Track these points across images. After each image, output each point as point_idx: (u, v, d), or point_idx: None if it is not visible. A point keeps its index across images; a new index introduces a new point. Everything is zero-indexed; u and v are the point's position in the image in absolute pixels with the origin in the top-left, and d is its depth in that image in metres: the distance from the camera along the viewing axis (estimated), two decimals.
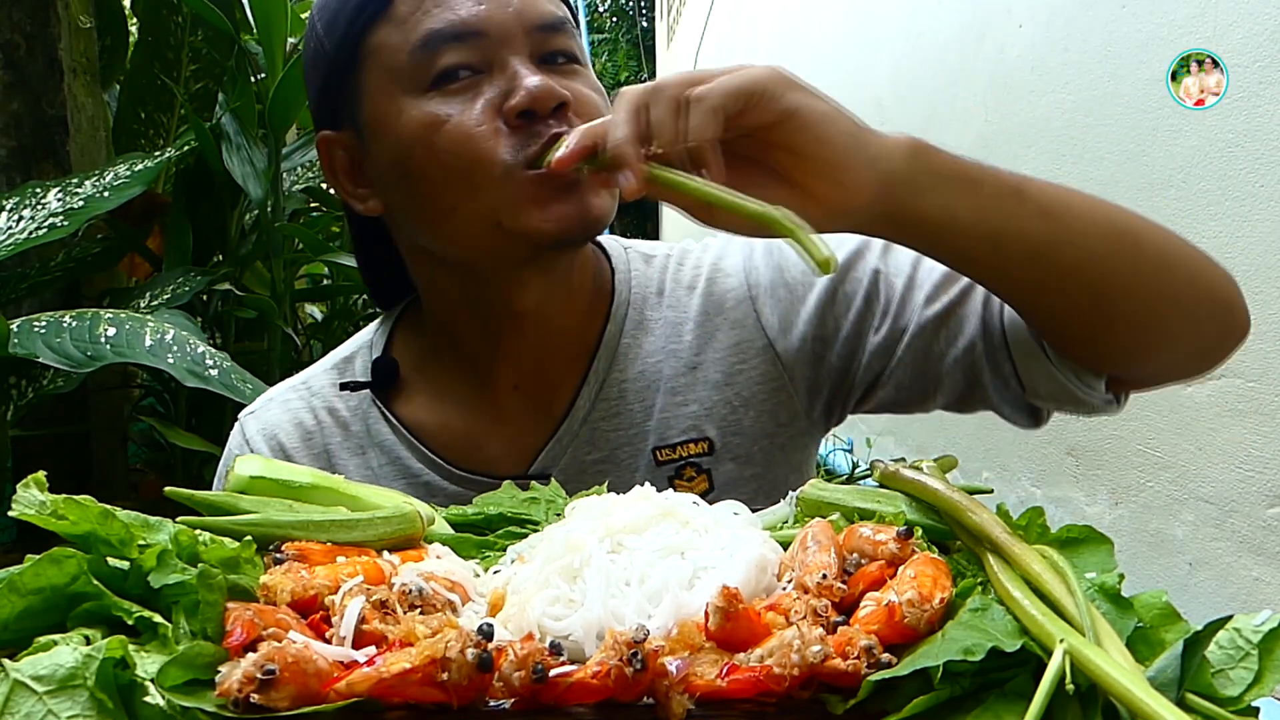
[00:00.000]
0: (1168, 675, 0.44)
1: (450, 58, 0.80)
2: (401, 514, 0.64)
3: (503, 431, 0.92)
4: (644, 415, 0.91)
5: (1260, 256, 1.62)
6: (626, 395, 0.92)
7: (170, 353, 1.84)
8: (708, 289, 0.95)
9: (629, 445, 0.91)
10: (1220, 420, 1.73)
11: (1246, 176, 1.66)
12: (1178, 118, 1.82)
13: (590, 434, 0.91)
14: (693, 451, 0.90)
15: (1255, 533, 1.66)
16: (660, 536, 0.58)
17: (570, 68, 0.85)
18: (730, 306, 0.93)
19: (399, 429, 0.93)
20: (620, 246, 1.00)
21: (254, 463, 0.67)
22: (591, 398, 0.91)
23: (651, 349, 0.93)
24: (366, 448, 0.94)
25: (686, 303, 0.95)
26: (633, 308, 0.95)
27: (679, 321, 0.94)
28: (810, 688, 0.46)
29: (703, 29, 7.06)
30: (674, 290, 0.96)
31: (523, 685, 0.44)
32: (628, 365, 0.93)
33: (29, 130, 2.42)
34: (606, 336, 0.93)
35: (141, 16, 2.69)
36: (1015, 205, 0.72)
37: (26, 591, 0.47)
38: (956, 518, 0.58)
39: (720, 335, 0.93)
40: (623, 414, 0.92)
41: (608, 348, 0.93)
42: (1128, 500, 2.00)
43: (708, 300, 0.94)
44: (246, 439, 0.96)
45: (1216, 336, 0.83)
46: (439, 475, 0.92)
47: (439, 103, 0.81)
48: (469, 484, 0.90)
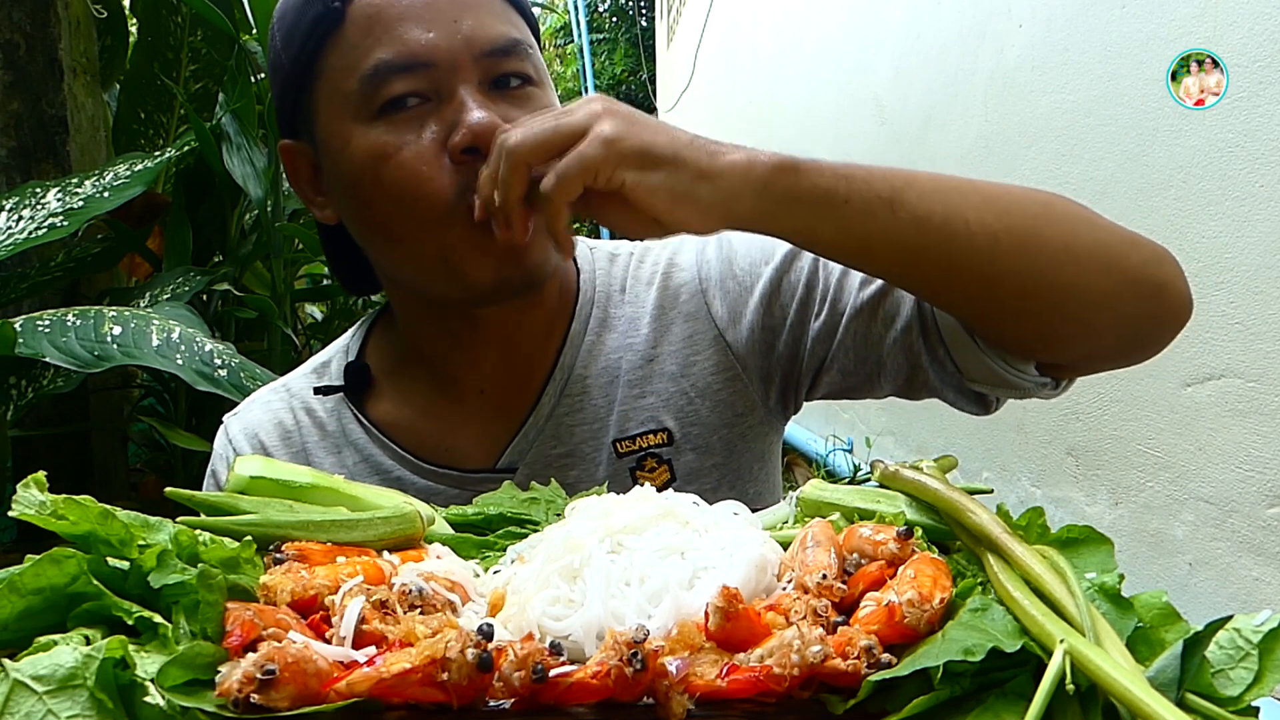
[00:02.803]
0: (1168, 675, 0.44)
1: (398, 87, 0.80)
2: (401, 514, 0.64)
3: (470, 430, 0.95)
4: (606, 409, 0.94)
5: (1260, 256, 1.62)
6: (590, 390, 0.94)
7: (178, 353, 1.83)
8: (663, 283, 0.97)
9: (592, 439, 0.93)
10: (1220, 420, 1.73)
11: (1246, 176, 1.66)
12: (1178, 118, 1.82)
13: (555, 429, 0.93)
14: (652, 442, 0.92)
15: (1255, 533, 1.66)
16: (660, 536, 0.58)
17: (522, 91, 0.84)
18: (684, 300, 0.96)
19: (370, 428, 0.96)
20: (586, 246, 1.02)
21: (254, 463, 0.67)
22: (556, 394, 0.94)
23: (613, 345, 0.96)
24: (341, 447, 0.97)
25: (644, 297, 0.97)
26: (596, 306, 0.97)
27: (637, 316, 0.96)
28: (810, 688, 0.46)
29: (702, 29, 7.06)
30: (634, 286, 0.98)
31: (523, 685, 0.44)
32: (591, 361, 0.95)
33: (29, 130, 2.41)
34: (571, 334, 0.95)
35: (141, 16, 2.69)
36: (886, 217, 0.73)
37: (26, 591, 0.47)
38: (956, 518, 0.58)
39: (675, 328, 0.95)
40: (586, 409, 0.94)
41: (573, 345, 0.95)
42: (1128, 500, 2.00)
43: (663, 294, 0.97)
44: (230, 439, 0.99)
45: (1146, 322, 0.84)
46: (408, 470, 0.94)
47: (386, 131, 0.81)
48: (437, 478, 0.93)
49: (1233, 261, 1.67)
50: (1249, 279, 1.63)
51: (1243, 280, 1.64)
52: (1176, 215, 1.81)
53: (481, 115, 0.79)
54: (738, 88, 5.81)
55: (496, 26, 0.83)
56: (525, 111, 0.82)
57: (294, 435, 0.98)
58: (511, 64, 0.83)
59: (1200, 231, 1.74)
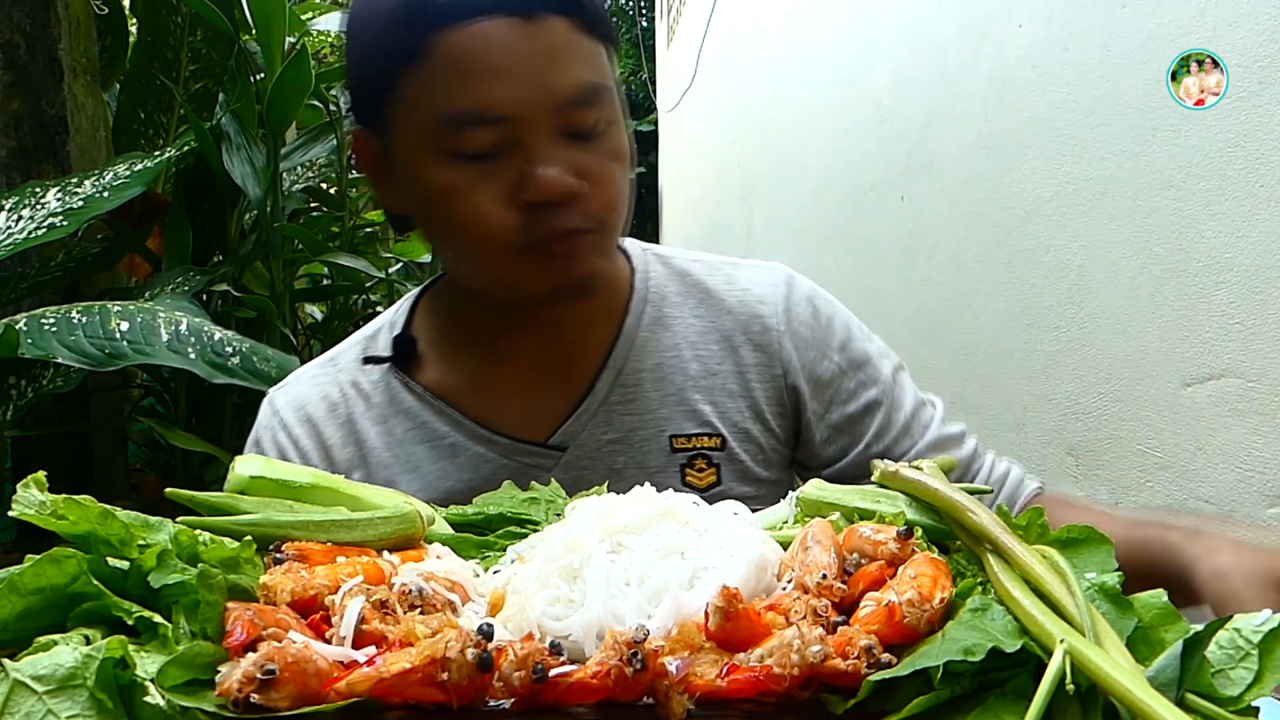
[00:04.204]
0: (1168, 675, 0.44)
1: (473, 139, 0.81)
2: (401, 514, 0.64)
3: (516, 403, 0.97)
4: (659, 404, 0.97)
5: (1260, 256, 1.62)
6: (643, 384, 0.97)
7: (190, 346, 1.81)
8: (740, 308, 1.01)
9: (642, 429, 0.97)
10: (1220, 420, 1.73)
11: (1246, 177, 1.66)
12: (1178, 118, 1.82)
13: (607, 415, 0.96)
14: (706, 444, 0.97)
15: (1255, 533, 1.66)
16: (660, 536, 0.58)
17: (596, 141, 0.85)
18: (757, 331, 1.00)
19: (423, 395, 0.98)
20: (639, 248, 1.06)
21: (254, 463, 0.67)
22: (609, 383, 0.97)
23: (669, 345, 0.99)
24: (389, 416, 0.98)
25: (717, 314, 1.01)
26: (650, 304, 1.01)
27: (704, 329, 1.00)
28: (810, 688, 0.46)
29: (704, 29, 7.06)
30: (703, 297, 1.02)
31: (523, 685, 0.44)
32: (645, 357, 0.98)
33: (29, 130, 2.41)
34: (625, 329, 0.99)
35: (141, 16, 2.69)
36: None
37: (26, 591, 0.47)
38: (956, 518, 0.58)
39: (743, 352, 0.99)
40: (639, 400, 0.97)
41: (626, 339, 0.99)
42: (1128, 500, 2.00)
43: (737, 318, 1.00)
44: (276, 410, 1.01)
45: None
46: (463, 435, 0.96)
47: (458, 174, 0.83)
48: (489, 444, 0.95)
49: (1233, 261, 1.67)
50: (1249, 279, 1.63)
51: (1243, 280, 1.64)
52: (1176, 215, 1.80)
53: (553, 173, 0.81)
54: (738, 88, 5.81)
55: (577, 74, 0.83)
56: (597, 156, 0.84)
57: (340, 407, 0.99)
58: (588, 113, 0.84)
59: (1200, 231, 1.74)
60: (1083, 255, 2.13)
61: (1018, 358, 2.39)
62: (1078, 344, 2.15)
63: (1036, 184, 2.32)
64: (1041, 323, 2.29)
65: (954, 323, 2.68)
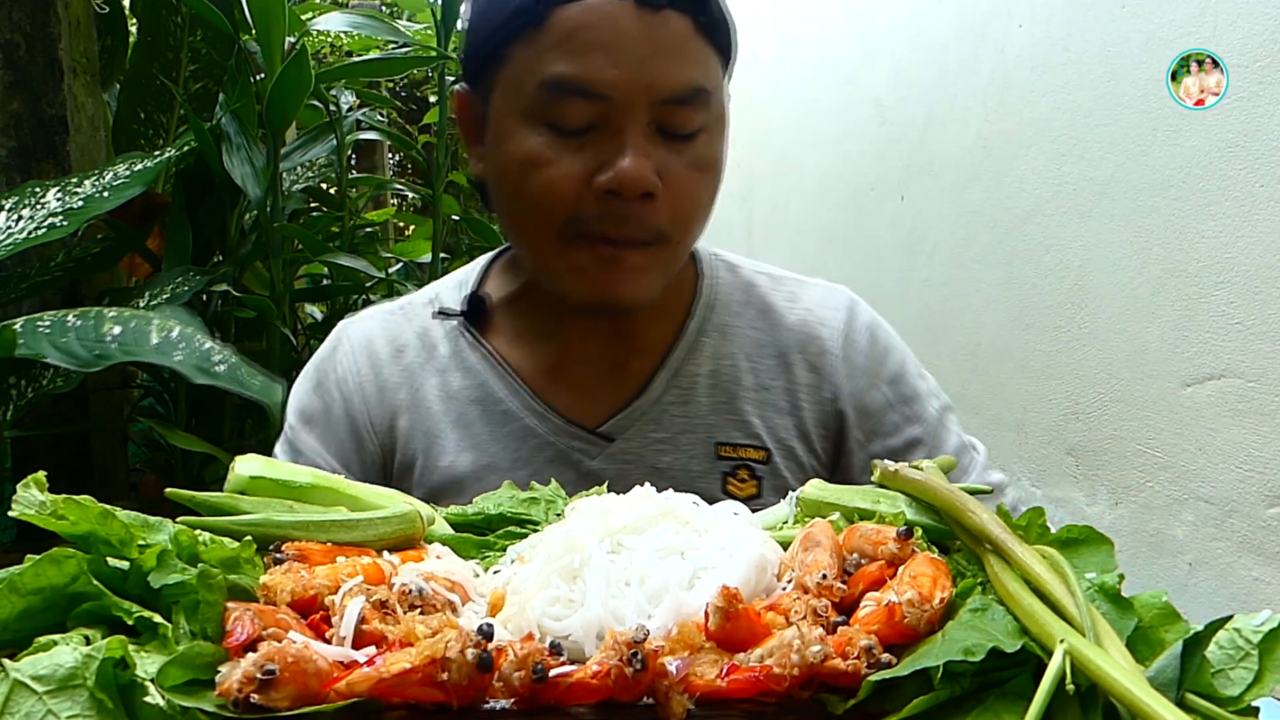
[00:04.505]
0: (1168, 675, 0.44)
1: (568, 109, 0.82)
2: (401, 514, 0.64)
3: (568, 387, 0.98)
4: (710, 410, 0.98)
5: (1260, 256, 1.62)
6: (697, 387, 0.98)
7: (178, 349, 1.82)
8: (800, 326, 1.01)
9: (689, 432, 0.97)
10: (1220, 420, 1.73)
11: (1246, 177, 1.66)
12: (1178, 118, 1.82)
13: (658, 414, 0.97)
14: (751, 456, 0.97)
15: (1255, 533, 1.66)
16: (660, 536, 0.58)
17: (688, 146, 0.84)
18: (813, 351, 1.00)
19: (488, 356, 0.99)
20: (708, 252, 1.06)
21: (254, 463, 0.67)
22: (665, 383, 0.97)
23: (726, 353, 1.00)
24: (449, 370, 0.99)
25: (776, 330, 1.01)
26: (715, 311, 1.01)
27: (762, 343, 1.01)
28: (810, 688, 0.46)
29: None
30: (764, 311, 1.02)
31: (523, 685, 0.44)
32: (702, 361, 0.99)
33: (29, 130, 2.41)
34: (686, 332, 0.99)
35: (141, 16, 2.69)
36: None
37: (26, 591, 0.47)
38: (956, 518, 0.58)
39: (797, 370, 1.00)
40: (691, 404, 0.97)
41: (686, 342, 0.99)
42: (1128, 500, 2.00)
43: (796, 336, 1.00)
44: (344, 339, 1.03)
45: None
46: (518, 403, 0.97)
47: (545, 144, 0.83)
48: (541, 418, 0.96)
49: (1233, 261, 1.67)
50: (1249, 279, 1.63)
51: (1243, 280, 1.64)
52: (1176, 215, 1.81)
53: (631, 165, 0.80)
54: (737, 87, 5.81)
55: (683, 73, 0.82)
56: (684, 161, 0.84)
57: (405, 352, 1.01)
58: (686, 115, 0.83)
59: (1200, 231, 1.74)
60: (1083, 255, 2.13)
61: (1018, 358, 2.39)
62: (1078, 344, 2.15)
63: (1036, 184, 2.32)
64: (1041, 323, 2.29)
65: (954, 323, 2.68)
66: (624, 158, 0.80)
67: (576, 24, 0.80)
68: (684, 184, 0.85)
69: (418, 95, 5.56)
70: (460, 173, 3.39)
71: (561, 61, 0.81)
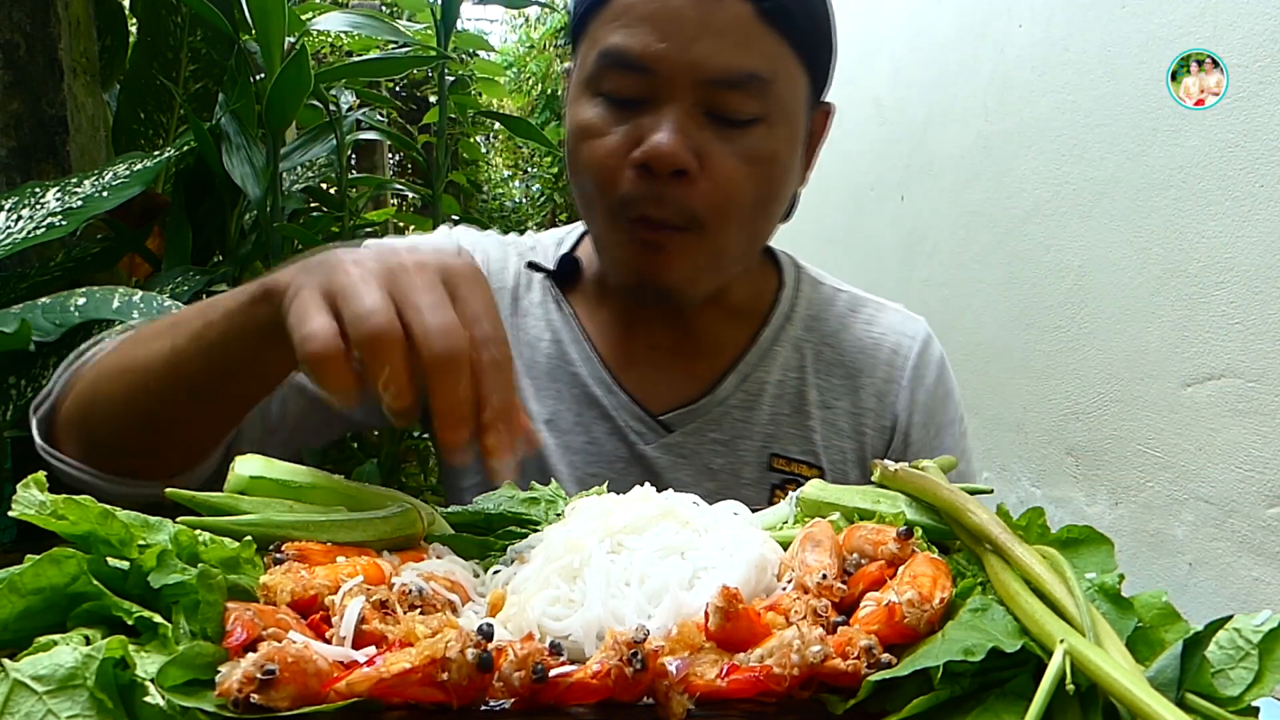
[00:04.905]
0: (1168, 675, 0.44)
1: (615, 81, 0.83)
2: (401, 514, 0.64)
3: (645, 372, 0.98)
4: (770, 420, 0.98)
5: (1260, 256, 1.62)
6: (763, 394, 0.98)
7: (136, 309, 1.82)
8: (873, 351, 1.01)
9: (749, 439, 0.97)
10: (1220, 420, 1.73)
11: (1246, 176, 1.66)
12: (1178, 118, 1.82)
13: (721, 415, 0.97)
14: (804, 472, 0.97)
15: (1255, 533, 1.66)
16: (660, 536, 0.58)
17: (738, 133, 0.82)
18: (882, 377, 1.00)
19: (570, 319, 1.00)
20: (791, 262, 1.06)
21: (254, 463, 0.66)
22: (734, 386, 0.97)
23: (795, 365, 1.00)
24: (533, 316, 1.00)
25: (848, 351, 1.01)
26: (791, 323, 1.01)
27: (833, 362, 1.00)
28: (810, 688, 0.46)
29: None
30: (840, 330, 1.02)
31: (523, 685, 0.44)
32: (773, 370, 0.99)
33: (29, 130, 2.41)
34: (761, 339, 0.99)
35: (141, 16, 2.69)
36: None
37: (26, 591, 0.47)
38: (956, 518, 0.58)
39: (864, 394, 1.00)
40: (755, 410, 0.97)
41: (759, 349, 0.99)
42: (1128, 500, 2.00)
43: (868, 360, 1.00)
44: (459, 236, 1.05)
45: None
46: (589, 373, 0.97)
47: (596, 114, 0.84)
48: (611, 395, 0.96)
49: (1233, 261, 1.67)
50: (1249, 279, 1.63)
51: (1243, 280, 1.64)
52: (1176, 215, 1.80)
53: (664, 140, 0.80)
54: None
55: (735, 56, 0.80)
56: (730, 148, 0.82)
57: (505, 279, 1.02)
58: (737, 100, 0.82)
59: (1200, 231, 1.74)
60: (1083, 255, 2.13)
61: (1018, 358, 2.39)
62: (1078, 344, 2.15)
63: (1036, 184, 2.32)
64: (1041, 323, 2.29)
65: (954, 323, 2.68)
66: (659, 132, 0.80)
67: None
68: (726, 171, 0.83)
69: (418, 95, 5.56)
70: (460, 173, 3.39)
71: (618, 33, 0.82)
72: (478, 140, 5.72)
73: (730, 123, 0.82)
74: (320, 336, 0.54)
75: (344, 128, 2.90)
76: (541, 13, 6.81)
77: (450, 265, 0.59)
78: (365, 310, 0.54)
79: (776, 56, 0.83)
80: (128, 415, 0.77)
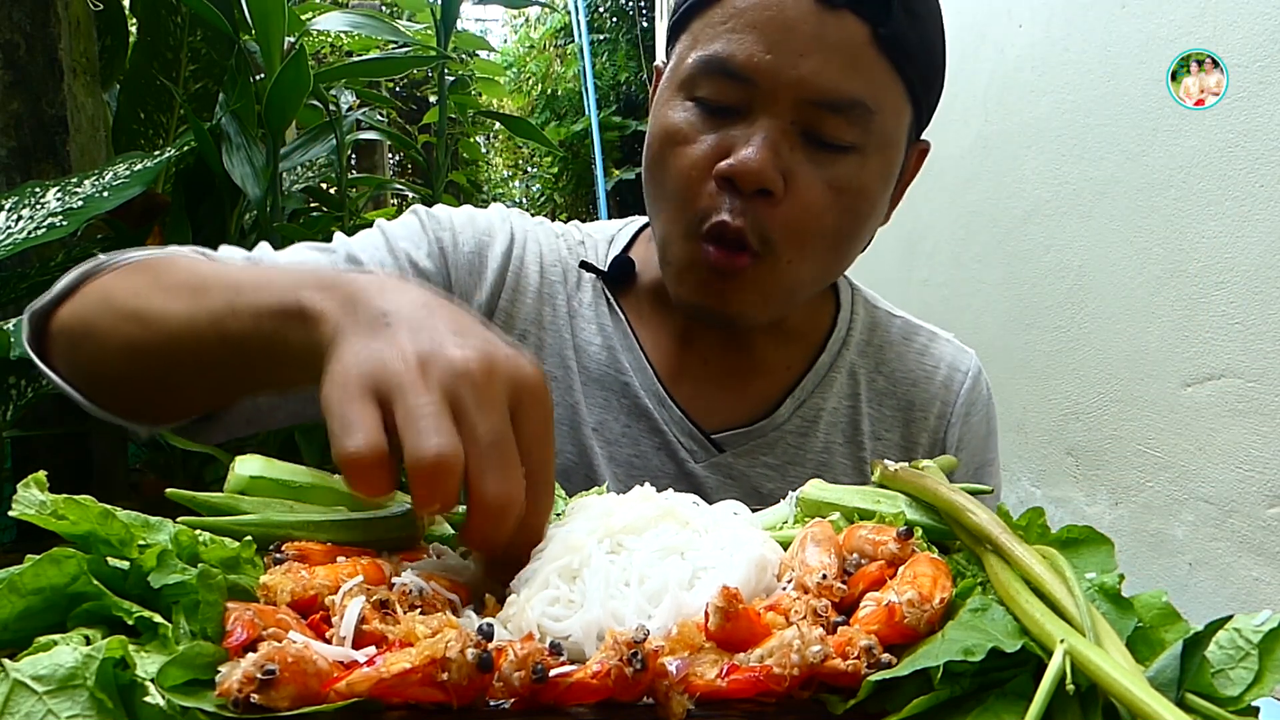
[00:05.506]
0: (1168, 675, 0.44)
1: (713, 87, 0.80)
2: (401, 514, 0.64)
3: (698, 388, 0.95)
4: (824, 448, 0.96)
5: (1260, 256, 1.62)
6: (819, 423, 0.96)
7: None
8: (925, 383, 1.00)
9: (801, 465, 0.95)
10: (1220, 420, 1.73)
11: (1246, 176, 1.66)
12: (1178, 118, 1.82)
13: (776, 440, 0.95)
14: None
15: (1255, 533, 1.66)
16: (660, 537, 0.58)
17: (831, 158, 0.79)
18: (935, 413, 0.99)
19: (624, 324, 0.95)
20: (849, 285, 1.04)
21: (254, 463, 0.66)
22: (790, 411, 0.95)
23: (849, 392, 0.98)
24: (583, 318, 0.96)
25: (900, 382, 1.00)
26: (847, 348, 0.99)
27: (885, 391, 0.99)
28: (810, 688, 0.46)
29: None
30: (894, 359, 1.00)
31: (523, 685, 0.44)
32: (829, 397, 0.97)
33: (29, 130, 2.41)
34: (818, 364, 0.97)
35: (141, 16, 2.69)
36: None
37: (26, 591, 0.47)
38: (956, 518, 0.58)
39: (914, 429, 0.99)
40: (810, 437, 0.96)
41: (816, 374, 0.97)
42: (1128, 500, 2.00)
43: (919, 393, 0.99)
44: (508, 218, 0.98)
45: None
46: (639, 382, 0.94)
47: (686, 119, 0.81)
48: (663, 408, 0.93)
49: (1233, 261, 1.67)
50: (1249, 279, 1.63)
51: (1243, 280, 1.64)
52: (1176, 215, 1.80)
53: (754, 155, 0.77)
54: None
55: (842, 79, 0.77)
56: (820, 173, 0.79)
57: (553, 271, 0.97)
58: (835, 125, 0.78)
59: (1200, 231, 1.74)
60: (1083, 255, 2.13)
61: (1018, 358, 2.39)
62: (1078, 344, 2.15)
63: (1036, 184, 2.32)
64: (1041, 323, 2.29)
65: (954, 323, 2.68)
66: (749, 147, 0.77)
67: (749, 4, 0.78)
68: (811, 196, 0.79)
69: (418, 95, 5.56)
70: (460, 173, 3.39)
71: (722, 38, 0.79)
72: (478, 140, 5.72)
73: (825, 146, 0.79)
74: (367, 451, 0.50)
75: (344, 128, 2.90)
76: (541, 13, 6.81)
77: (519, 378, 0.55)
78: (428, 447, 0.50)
79: (884, 86, 0.80)
80: (122, 362, 0.73)
